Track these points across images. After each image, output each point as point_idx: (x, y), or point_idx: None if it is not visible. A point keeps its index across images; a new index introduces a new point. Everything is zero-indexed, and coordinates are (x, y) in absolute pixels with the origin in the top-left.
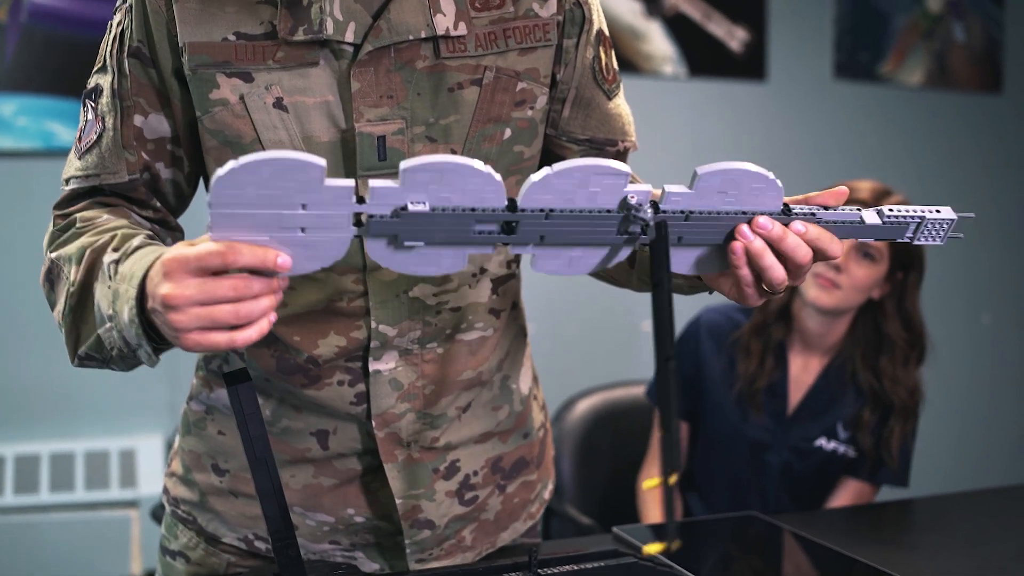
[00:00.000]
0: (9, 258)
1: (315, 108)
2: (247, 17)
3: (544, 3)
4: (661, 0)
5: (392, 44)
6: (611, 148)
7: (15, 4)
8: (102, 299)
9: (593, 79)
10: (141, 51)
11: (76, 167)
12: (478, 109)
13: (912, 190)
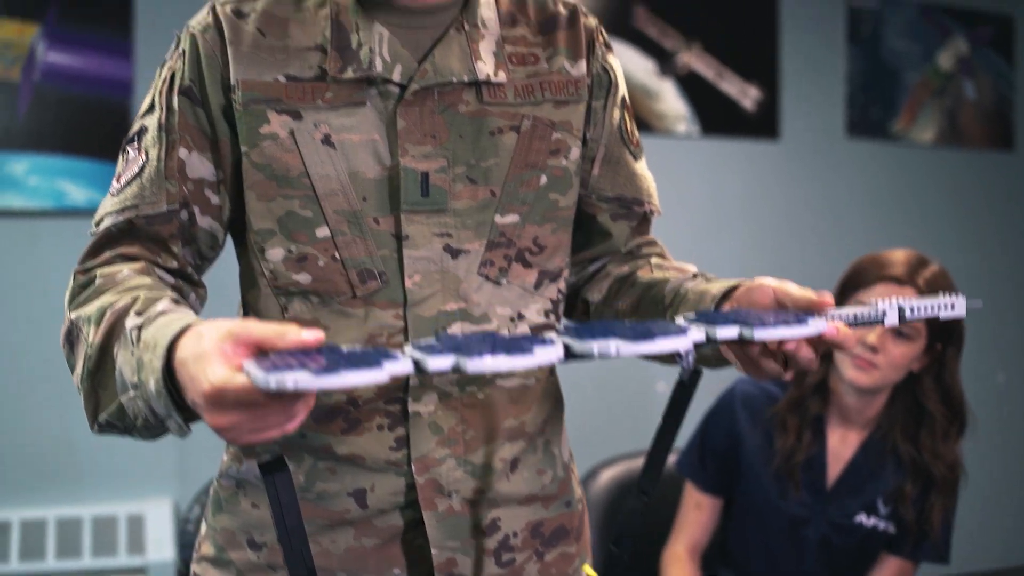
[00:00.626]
0: (18, 318)
1: (361, 145)
2: (297, 61)
3: (575, 63)
4: (674, 59)
5: (436, 85)
6: (638, 208)
7: (28, 62)
8: (125, 365)
9: (620, 139)
10: (192, 90)
11: (111, 204)
12: (516, 154)
13: (924, 247)
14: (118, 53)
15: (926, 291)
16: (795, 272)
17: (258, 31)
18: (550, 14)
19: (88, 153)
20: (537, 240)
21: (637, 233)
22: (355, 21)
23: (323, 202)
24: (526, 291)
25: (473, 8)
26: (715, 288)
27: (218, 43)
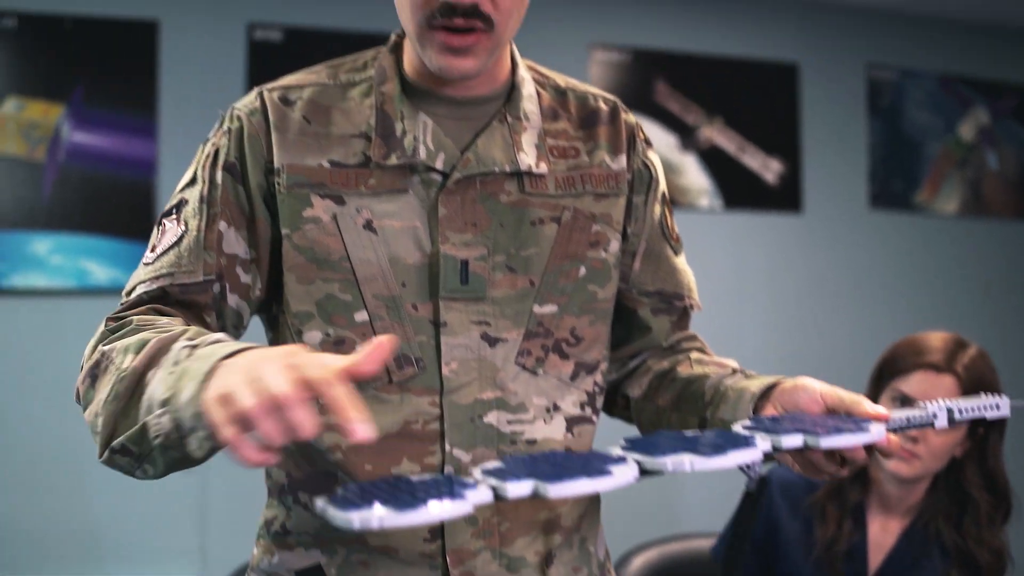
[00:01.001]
0: (40, 398)
1: (403, 232)
2: (342, 148)
3: (615, 158)
4: (696, 133)
5: (479, 175)
6: (678, 303)
7: (54, 142)
8: (159, 384)
9: (661, 234)
10: (235, 168)
11: (144, 273)
12: (556, 245)
13: (950, 319)
14: (143, 133)
15: (965, 378)
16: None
17: (304, 118)
18: (591, 109)
19: (111, 232)
20: (575, 331)
21: (677, 328)
22: (400, 110)
23: (363, 286)
24: (562, 382)
25: (516, 101)
26: (754, 386)
27: (263, 127)
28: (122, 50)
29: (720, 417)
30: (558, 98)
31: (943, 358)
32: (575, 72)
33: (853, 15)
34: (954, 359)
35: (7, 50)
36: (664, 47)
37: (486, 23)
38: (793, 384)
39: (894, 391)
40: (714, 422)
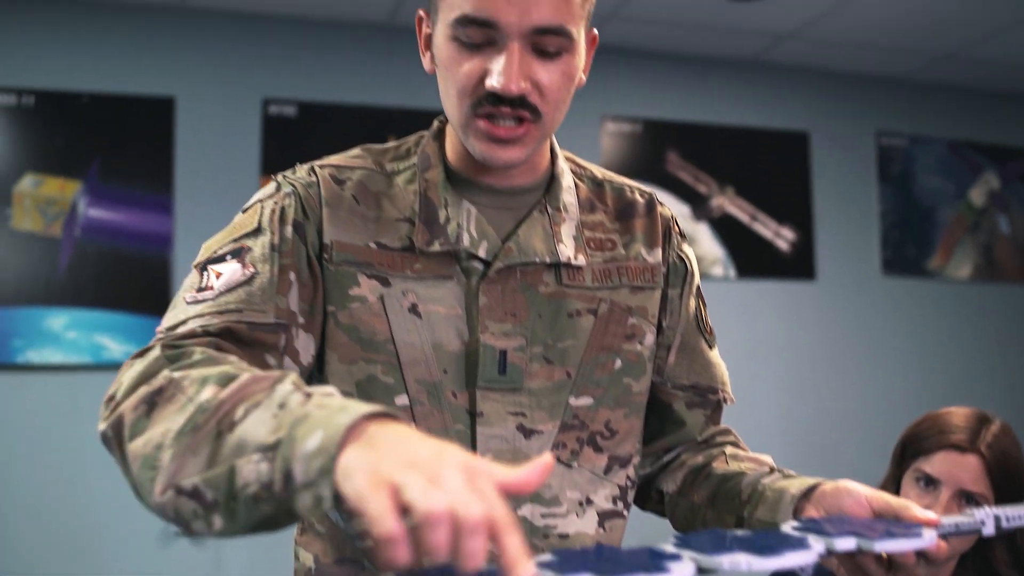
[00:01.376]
0: (56, 471)
1: (446, 319)
2: (387, 231)
3: (651, 251)
4: (708, 202)
5: (520, 264)
6: (712, 396)
7: (70, 218)
8: (258, 426)
9: (696, 327)
10: (301, 228)
11: (201, 308)
12: (593, 337)
13: (964, 382)
14: (159, 208)
15: (989, 457)
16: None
17: (354, 198)
18: (627, 202)
19: (127, 307)
20: (609, 424)
21: (711, 421)
22: (444, 197)
23: (405, 370)
24: (596, 476)
25: (555, 192)
26: (794, 487)
27: (317, 201)
28: (138, 126)
29: (758, 518)
30: (595, 190)
31: (966, 438)
32: (588, 142)
33: (862, 83)
34: (977, 438)
35: (25, 127)
36: (675, 118)
37: (533, 114)
38: (835, 487)
39: (917, 472)
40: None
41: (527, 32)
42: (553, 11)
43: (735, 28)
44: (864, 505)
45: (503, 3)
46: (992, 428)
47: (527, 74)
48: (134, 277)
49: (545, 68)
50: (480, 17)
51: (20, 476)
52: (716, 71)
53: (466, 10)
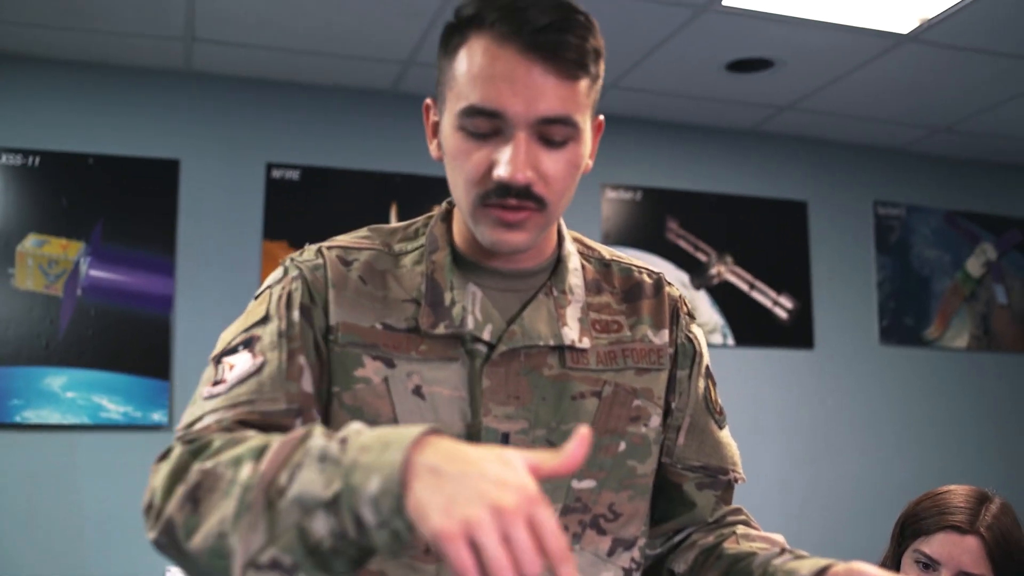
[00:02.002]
0: (56, 531)
1: (450, 401)
2: (393, 312)
3: (657, 332)
4: (706, 270)
5: (523, 348)
6: (723, 477)
7: (72, 277)
8: (309, 485)
9: (706, 408)
10: (308, 311)
11: (214, 403)
12: (597, 419)
13: (961, 452)
14: (160, 270)
15: (989, 538)
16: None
17: (360, 279)
18: (635, 283)
19: (126, 368)
20: (613, 507)
21: (722, 501)
22: (450, 280)
23: None
24: (599, 558)
25: (562, 274)
26: (804, 569)
27: (323, 283)
28: (143, 188)
29: None
30: (602, 271)
31: (966, 518)
32: (588, 210)
33: (860, 154)
34: (977, 519)
35: (30, 187)
36: (674, 186)
37: (538, 203)
38: (847, 568)
39: (917, 552)
40: None
41: (533, 122)
42: (559, 102)
43: (734, 99)
44: None
45: (509, 94)
46: (992, 508)
47: (533, 164)
48: (134, 338)
49: (551, 157)
50: (487, 108)
51: (17, 534)
52: (715, 140)
53: (473, 100)
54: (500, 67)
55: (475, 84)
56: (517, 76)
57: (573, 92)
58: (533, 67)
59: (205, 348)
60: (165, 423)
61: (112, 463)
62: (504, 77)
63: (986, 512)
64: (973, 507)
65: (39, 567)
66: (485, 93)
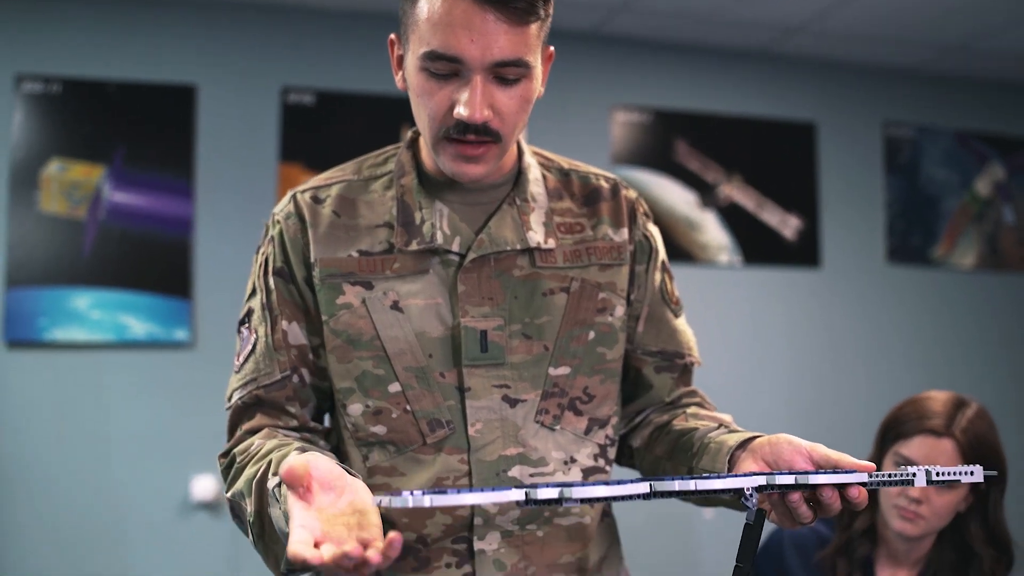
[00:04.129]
0: (82, 446)
1: (426, 309)
2: (368, 238)
3: (617, 231)
4: (715, 191)
5: (492, 254)
6: (679, 361)
7: (95, 202)
8: (279, 519)
9: (662, 299)
10: (283, 271)
11: (236, 381)
12: (567, 312)
13: (968, 371)
14: (180, 193)
15: (963, 441)
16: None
17: (334, 212)
18: (593, 188)
19: (149, 288)
20: (587, 390)
21: (680, 384)
22: (418, 200)
23: (393, 361)
24: (578, 436)
25: (523, 185)
26: (732, 440)
27: (299, 227)
28: (161, 113)
29: (702, 467)
30: (562, 179)
31: (942, 423)
32: (598, 132)
33: (869, 74)
34: (952, 423)
35: (52, 114)
36: (684, 108)
37: (495, 137)
38: (773, 437)
39: (897, 455)
40: (697, 471)
41: (488, 66)
42: (511, 46)
43: (744, 20)
44: (804, 454)
45: (467, 41)
46: (968, 413)
47: (490, 102)
48: (156, 259)
49: (505, 94)
50: (447, 54)
51: (47, 449)
52: (725, 62)
53: (434, 46)
54: (458, 15)
55: (435, 30)
56: (474, 24)
57: (524, 36)
58: (487, 15)
59: (224, 268)
60: (187, 341)
61: (137, 380)
62: (462, 24)
63: (962, 416)
64: (950, 412)
65: (68, 481)
66: (444, 40)
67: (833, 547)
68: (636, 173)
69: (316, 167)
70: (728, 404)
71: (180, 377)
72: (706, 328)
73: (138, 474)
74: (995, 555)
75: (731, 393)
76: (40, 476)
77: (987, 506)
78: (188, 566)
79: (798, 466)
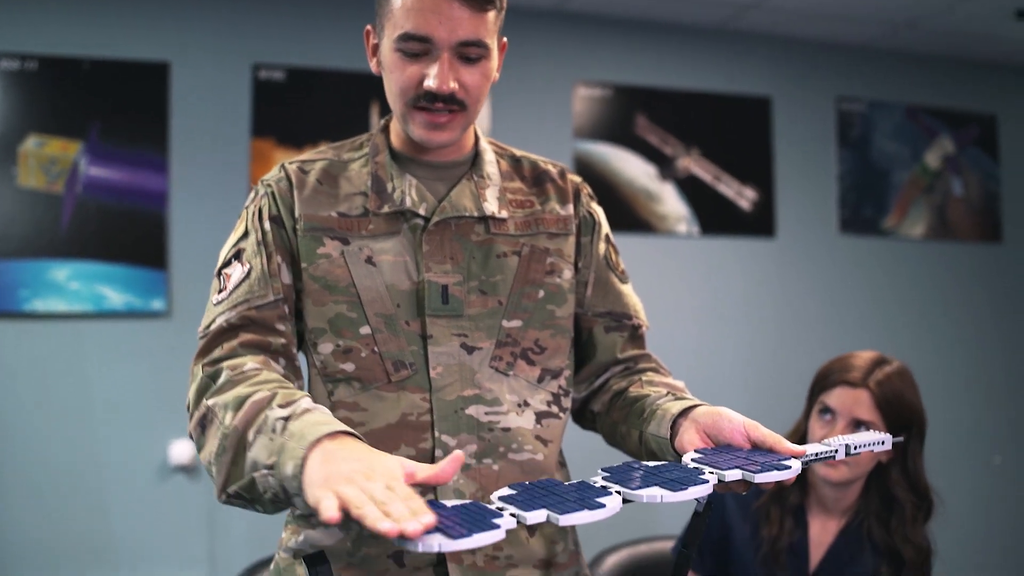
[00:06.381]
0: (61, 415)
1: (396, 264)
2: (346, 204)
3: (563, 206)
4: (674, 163)
5: (453, 218)
6: (627, 321)
7: (72, 176)
8: (262, 449)
9: (607, 266)
10: (277, 219)
11: (221, 307)
12: (518, 273)
13: (918, 338)
14: (155, 167)
15: (877, 392)
16: (792, 361)
17: (317, 181)
18: (541, 171)
19: (126, 259)
20: (538, 342)
21: (631, 346)
22: (390, 173)
23: (366, 307)
24: (530, 384)
25: (480, 165)
26: (675, 408)
27: (288, 188)
28: (136, 90)
29: (650, 432)
30: (514, 164)
31: (860, 375)
32: (560, 106)
33: (823, 50)
34: (869, 376)
35: (29, 90)
36: (644, 83)
37: (460, 106)
38: (712, 410)
39: (821, 403)
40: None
41: (454, 45)
42: (474, 29)
43: None
44: (741, 431)
45: (436, 23)
46: (886, 369)
47: (456, 76)
48: (132, 231)
49: (469, 71)
50: (419, 34)
51: (27, 416)
52: (683, 38)
53: (408, 28)
54: (428, 3)
55: (408, 15)
56: (442, 10)
57: (484, 21)
58: (453, 3)
59: (199, 239)
60: (164, 310)
61: (115, 349)
62: (431, 10)
63: (879, 371)
64: (869, 367)
65: (49, 446)
66: (416, 23)
67: (767, 496)
68: (597, 147)
69: (287, 142)
70: (687, 368)
71: (157, 345)
72: (665, 295)
73: (117, 439)
74: (915, 502)
75: (690, 357)
76: (21, 442)
77: (907, 457)
78: (166, 527)
79: (736, 442)
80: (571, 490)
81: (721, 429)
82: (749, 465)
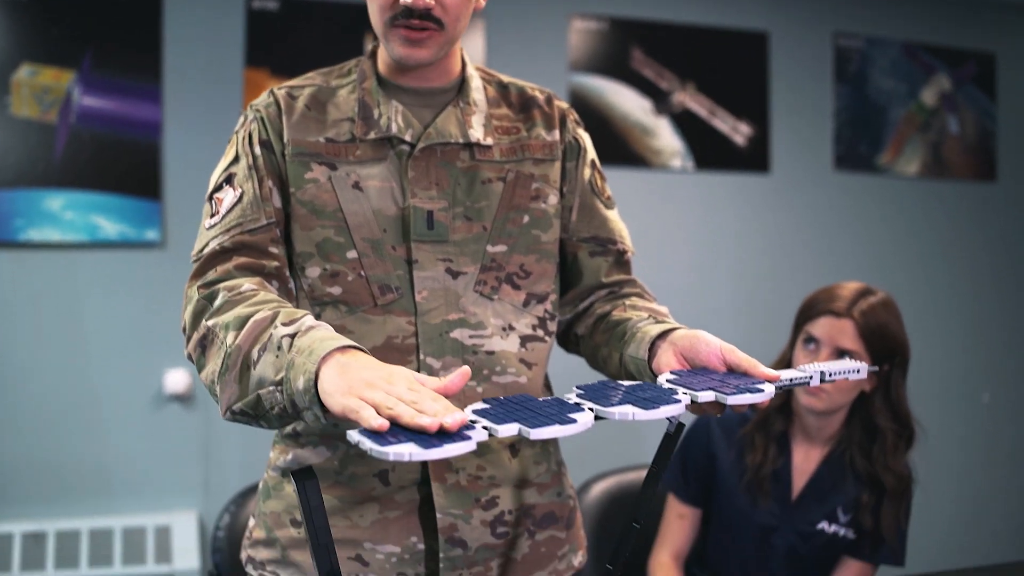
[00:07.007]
0: (56, 344)
1: (382, 190)
2: (334, 129)
3: (550, 132)
4: (669, 98)
5: (438, 144)
6: (612, 247)
7: (65, 106)
8: (268, 367)
9: (592, 191)
10: (267, 143)
11: (213, 232)
12: (503, 199)
13: (911, 276)
14: (148, 97)
15: (861, 322)
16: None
17: (306, 106)
18: (528, 97)
19: (119, 190)
20: (523, 267)
21: (616, 271)
22: (377, 99)
23: (353, 232)
24: (515, 307)
25: (466, 92)
26: (653, 331)
27: (277, 114)
28: (128, 19)
29: (629, 354)
30: (501, 90)
31: (844, 305)
32: (555, 40)
33: None
34: (854, 306)
35: (22, 19)
36: (640, 16)
37: (437, 24)
38: (690, 333)
39: (805, 333)
40: (625, 358)
41: None
42: None
43: None
44: (718, 355)
45: None
46: (871, 299)
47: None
48: (126, 161)
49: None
50: None
51: (23, 345)
52: None
53: None
54: None
55: None
56: None
57: None
58: None
59: (192, 170)
60: (158, 240)
61: (110, 279)
62: None
63: (864, 301)
64: (853, 297)
65: (46, 375)
66: None
67: (752, 424)
68: (593, 80)
69: (281, 72)
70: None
71: (151, 275)
72: (659, 230)
73: (113, 368)
74: (897, 430)
75: (683, 291)
76: (18, 371)
77: (889, 385)
78: (162, 455)
79: (712, 365)
80: (545, 406)
81: (698, 352)
82: (723, 387)
